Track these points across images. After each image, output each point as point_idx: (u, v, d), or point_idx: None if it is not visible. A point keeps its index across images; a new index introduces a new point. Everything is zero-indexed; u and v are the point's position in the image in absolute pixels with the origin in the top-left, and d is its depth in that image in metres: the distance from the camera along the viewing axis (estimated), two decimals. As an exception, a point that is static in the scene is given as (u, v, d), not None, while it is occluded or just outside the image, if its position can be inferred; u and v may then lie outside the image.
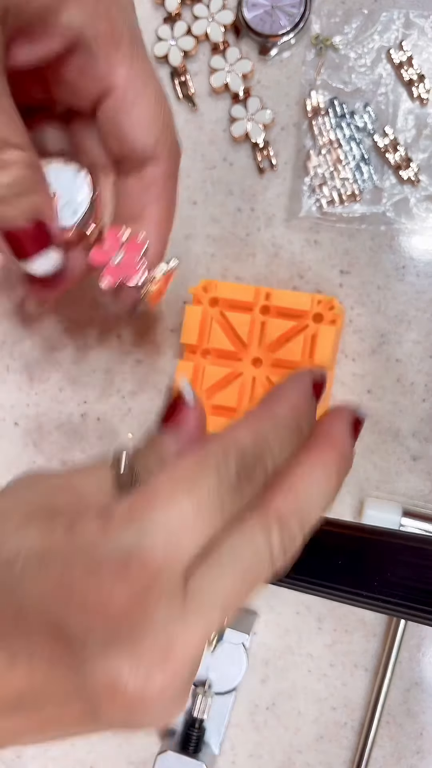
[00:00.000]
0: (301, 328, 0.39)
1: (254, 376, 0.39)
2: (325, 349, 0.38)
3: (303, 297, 0.39)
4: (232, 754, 0.44)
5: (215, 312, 0.39)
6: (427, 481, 0.41)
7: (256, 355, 0.39)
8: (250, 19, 0.42)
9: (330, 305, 0.39)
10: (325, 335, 0.38)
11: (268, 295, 0.39)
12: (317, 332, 0.39)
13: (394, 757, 0.42)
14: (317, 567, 0.31)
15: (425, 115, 0.41)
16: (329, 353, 0.39)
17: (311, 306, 0.39)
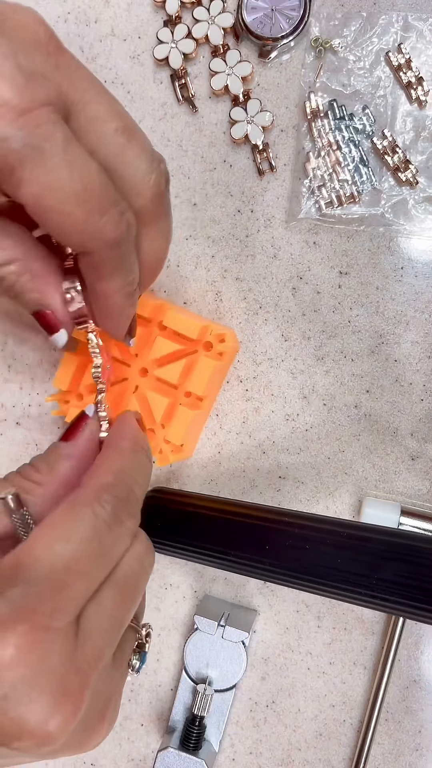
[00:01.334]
0: (188, 352, 0.39)
1: (138, 385, 0.39)
2: (200, 379, 0.38)
3: (194, 324, 0.38)
4: (232, 751, 0.44)
5: None
6: (426, 480, 0.42)
7: (144, 366, 0.39)
8: (249, 22, 0.42)
9: (221, 338, 0.39)
10: (202, 367, 0.38)
11: (166, 312, 0.39)
12: (197, 361, 0.39)
13: (392, 754, 0.42)
14: (316, 565, 0.31)
15: (424, 117, 0.41)
16: (203, 385, 0.38)
17: (199, 335, 0.38)
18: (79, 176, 0.26)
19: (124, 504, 0.26)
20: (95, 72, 0.44)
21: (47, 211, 0.26)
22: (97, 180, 0.27)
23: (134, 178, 0.28)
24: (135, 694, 0.45)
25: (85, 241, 0.28)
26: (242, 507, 0.35)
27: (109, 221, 0.27)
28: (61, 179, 0.26)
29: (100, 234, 0.28)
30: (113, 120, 0.27)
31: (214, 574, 0.44)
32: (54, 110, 0.25)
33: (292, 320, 0.43)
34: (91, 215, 0.27)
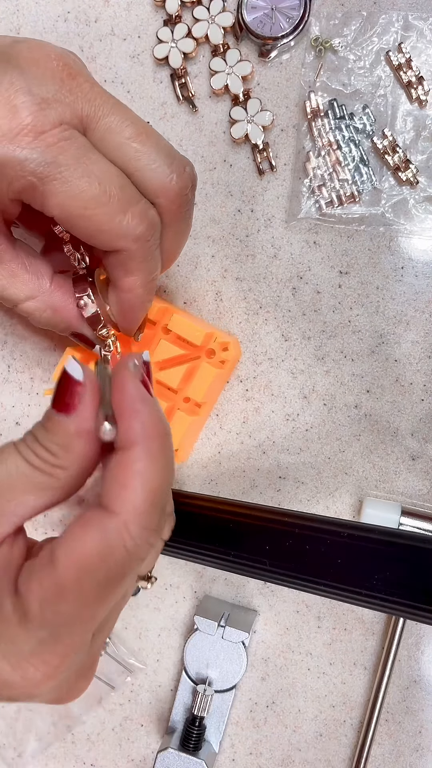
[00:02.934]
0: (190, 357, 0.39)
1: None
2: (200, 387, 0.38)
3: (198, 330, 0.38)
4: (232, 751, 0.44)
5: None
6: (426, 480, 0.41)
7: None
8: (249, 21, 0.42)
9: (224, 347, 0.39)
10: (203, 374, 0.38)
11: (171, 316, 0.39)
12: (198, 368, 0.39)
13: (393, 754, 0.42)
14: (316, 565, 0.31)
15: (424, 116, 0.41)
16: (202, 392, 0.38)
17: (203, 341, 0.38)
18: (96, 181, 0.29)
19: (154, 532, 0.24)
20: (95, 72, 0.44)
21: (73, 218, 0.29)
22: (115, 182, 0.29)
23: (154, 181, 0.31)
24: (135, 694, 0.45)
25: (112, 239, 0.30)
26: (242, 507, 0.35)
27: (132, 218, 0.30)
28: (79, 186, 0.29)
29: (125, 231, 0.30)
30: (126, 128, 0.30)
31: (214, 574, 0.44)
32: (68, 128, 0.29)
33: (292, 320, 0.42)
34: (114, 215, 0.29)
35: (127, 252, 0.31)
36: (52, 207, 0.29)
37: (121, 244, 0.31)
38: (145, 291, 0.34)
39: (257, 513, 0.34)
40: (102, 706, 0.45)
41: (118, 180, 0.30)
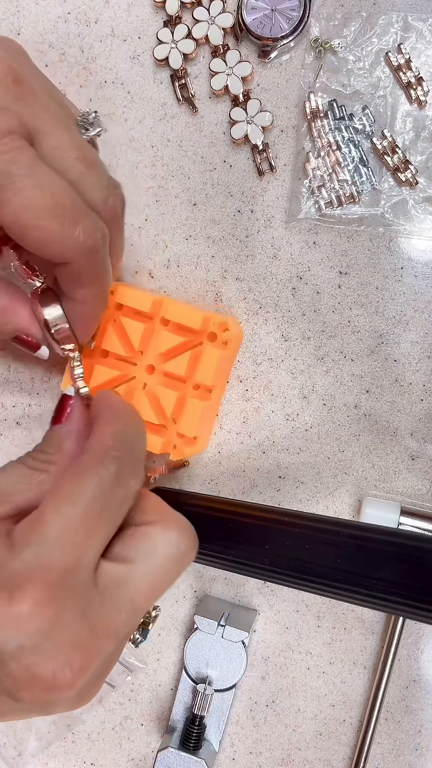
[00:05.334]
0: (192, 344, 0.39)
1: (146, 382, 0.39)
2: (207, 369, 0.38)
3: (195, 315, 0.38)
4: (232, 750, 0.44)
5: (117, 314, 0.39)
6: (425, 480, 0.42)
7: (150, 362, 0.40)
8: (249, 22, 0.42)
9: (224, 327, 0.39)
10: (208, 356, 0.38)
11: (166, 307, 0.39)
12: (202, 352, 0.39)
13: (392, 753, 0.42)
14: (316, 565, 0.31)
15: (423, 117, 0.41)
16: (211, 374, 0.38)
17: (202, 325, 0.39)
18: (49, 192, 0.29)
19: (126, 464, 0.27)
20: (95, 72, 0.44)
21: (25, 229, 0.29)
22: (67, 194, 0.30)
23: (95, 200, 0.32)
24: (135, 693, 0.45)
25: (63, 251, 0.31)
26: (242, 507, 0.35)
27: (83, 230, 0.30)
28: (32, 197, 0.28)
29: (76, 243, 0.30)
30: (74, 150, 0.31)
31: (214, 574, 0.44)
32: (18, 137, 0.28)
33: (292, 320, 0.43)
34: (65, 226, 0.30)
35: (77, 264, 0.31)
36: (4, 217, 0.29)
37: (72, 256, 0.31)
38: (99, 302, 0.34)
39: (257, 513, 0.34)
40: (102, 705, 0.45)
41: (69, 193, 0.30)
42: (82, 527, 0.25)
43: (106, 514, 0.26)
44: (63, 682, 0.24)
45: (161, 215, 0.44)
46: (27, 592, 0.23)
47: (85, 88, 0.44)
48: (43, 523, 0.24)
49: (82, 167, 0.31)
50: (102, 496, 0.25)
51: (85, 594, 0.24)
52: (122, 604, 0.25)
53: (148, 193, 0.44)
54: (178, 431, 0.39)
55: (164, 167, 0.44)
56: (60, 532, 0.24)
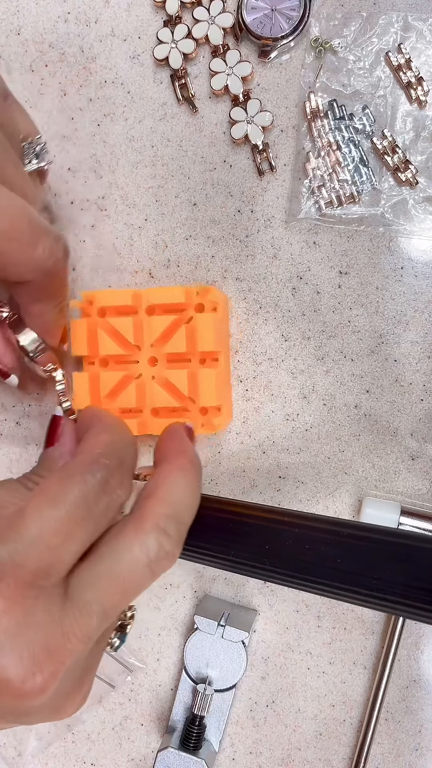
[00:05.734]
0: (183, 320, 0.39)
1: (153, 375, 0.40)
2: (206, 336, 0.38)
3: (176, 290, 0.39)
4: (232, 751, 0.44)
5: (102, 321, 0.40)
6: (426, 480, 0.42)
7: (151, 355, 0.40)
8: (249, 22, 0.42)
9: (206, 292, 0.39)
10: (203, 323, 0.39)
11: (147, 295, 0.39)
12: (195, 322, 0.39)
13: (392, 753, 0.42)
14: (316, 565, 0.31)
15: (423, 117, 0.41)
16: (211, 339, 0.39)
17: (186, 298, 0.39)
18: (6, 215, 0.28)
19: (113, 473, 0.26)
20: (95, 72, 0.44)
21: None
22: (24, 214, 0.29)
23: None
24: (135, 694, 0.45)
25: (23, 272, 0.30)
26: (242, 507, 0.35)
27: (44, 250, 0.30)
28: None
29: (36, 264, 0.30)
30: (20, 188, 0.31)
31: (214, 574, 0.44)
32: None
33: (292, 320, 0.43)
34: (25, 248, 0.29)
35: (37, 282, 0.31)
36: None
37: (31, 276, 0.31)
38: (56, 312, 0.34)
39: (257, 513, 0.34)
40: (102, 705, 0.45)
41: (27, 213, 0.30)
42: (62, 530, 0.24)
43: (88, 521, 0.25)
44: (33, 687, 0.23)
45: (161, 215, 0.44)
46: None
47: (85, 88, 0.44)
48: (22, 522, 0.24)
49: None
50: (85, 502, 0.25)
51: (56, 596, 0.24)
52: (92, 609, 0.25)
53: (148, 193, 0.44)
54: (200, 407, 0.39)
55: (164, 167, 0.44)
56: (38, 533, 0.24)
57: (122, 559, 0.26)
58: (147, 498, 0.27)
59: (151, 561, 0.26)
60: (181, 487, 0.27)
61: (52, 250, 0.30)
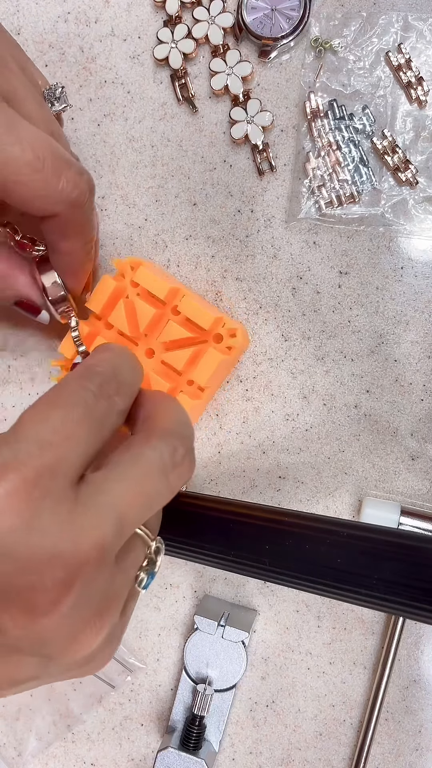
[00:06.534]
0: (197, 341, 0.39)
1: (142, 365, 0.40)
2: (206, 370, 0.38)
3: (208, 315, 0.38)
4: (232, 751, 0.44)
5: (131, 291, 0.39)
6: (426, 480, 0.42)
7: (151, 347, 0.40)
8: (249, 22, 0.42)
9: (232, 333, 0.39)
10: (210, 358, 0.38)
11: (183, 297, 0.39)
12: (204, 352, 0.39)
13: (392, 754, 0.42)
14: (316, 565, 0.31)
15: (423, 117, 0.41)
16: (207, 375, 0.38)
17: (211, 326, 0.39)
18: (29, 147, 0.29)
19: (109, 380, 0.26)
20: (95, 72, 0.44)
21: (8, 185, 0.29)
22: (48, 147, 0.30)
23: None
24: (135, 694, 0.45)
25: (48, 205, 0.31)
26: (242, 507, 0.35)
27: (67, 183, 0.30)
28: (12, 153, 0.29)
29: (61, 196, 0.30)
30: (42, 124, 0.31)
31: (214, 574, 0.44)
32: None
33: (292, 320, 0.43)
34: (49, 180, 0.30)
35: (63, 216, 0.31)
36: None
37: (57, 209, 0.31)
38: (84, 252, 0.35)
39: (257, 513, 0.34)
40: (102, 705, 0.45)
41: (50, 146, 0.30)
42: (61, 428, 0.23)
43: (88, 421, 0.24)
44: (45, 599, 0.21)
45: (161, 215, 0.44)
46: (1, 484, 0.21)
47: (85, 88, 0.44)
48: (21, 424, 0.23)
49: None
50: (83, 402, 0.24)
51: (65, 499, 0.22)
52: (105, 513, 0.23)
53: (148, 193, 0.44)
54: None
55: (164, 167, 0.44)
56: (38, 432, 0.22)
57: (136, 462, 0.24)
58: (147, 418, 0.26)
59: (166, 465, 0.25)
60: (178, 407, 0.27)
61: (76, 182, 0.31)
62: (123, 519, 0.23)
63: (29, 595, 0.21)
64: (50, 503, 0.22)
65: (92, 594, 0.23)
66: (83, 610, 0.22)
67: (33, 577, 0.21)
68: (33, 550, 0.21)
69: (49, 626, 0.21)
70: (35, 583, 0.21)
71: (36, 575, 0.21)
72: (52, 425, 0.23)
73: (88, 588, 0.22)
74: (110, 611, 0.24)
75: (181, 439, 0.26)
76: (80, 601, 0.22)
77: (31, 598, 0.21)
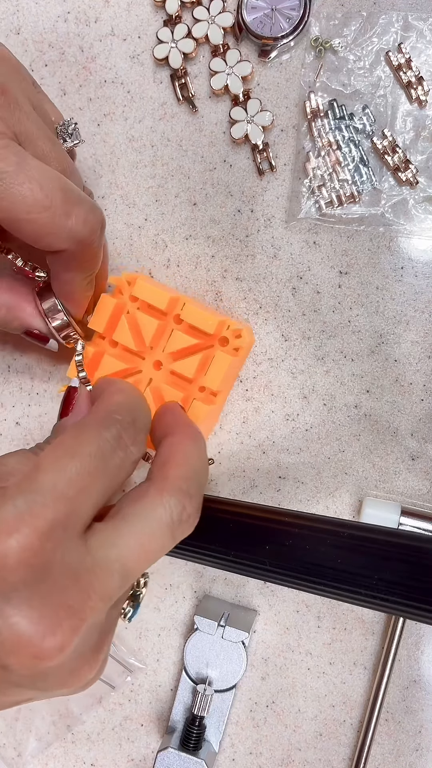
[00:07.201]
0: (204, 346, 0.39)
1: (152, 378, 0.39)
2: (217, 374, 0.38)
3: (211, 319, 0.38)
4: (232, 751, 0.44)
5: (131, 306, 0.39)
6: (426, 480, 0.42)
7: (158, 358, 0.40)
8: (249, 21, 0.42)
9: (238, 334, 0.39)
10: (219, 361, 0.38)
11: (183, 305, 0.39)
12: (213, 356, 0.39)
13: (392, 754, 0.42)
14: (316, 565, 0.31)
15: (424, 116, 0.41)
16: (218, 379, 0.38)
17: (216, 330, 0.39)
18: (38, 186, 0.29)
19: (127, 429, 0.26)
20: (95, 72, 0.44)
21: (18, 222, 0.30)
22: (57, 185, 0.30)
23: None
24: (135, 694, 0.45)
25: (56, 242, 0.31)
26: (242, 507, 0.35)
27: (76, 221, 0.31)
28: (21, 192, 0.29)
29: (70, 234, 0.31)
30: (55, 162, 0.32)
31: (214, 574, 0.44)
32: (4, 136, 0.29)
33: (292, 320, 0.43)
34: (57, 217, 0.30)
35: (70, 252, 0.32)
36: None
37: (64, 246, 0.31)
38: (84, 284, 0.35)
39: (257, 513, 0.34)
40: (102, 705, 0.45)
41: (60, 184, 0.30)
42: (77, 480, 0.24)
43: (104, 473, 0.25)
44: (52, 645, 0.22)
45: (161, 215, 0.44)
46: (14, 537, 0.22)
47: (84, 87, 0.44)
48: (38, 473, 0.24)
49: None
50: (101, 454, 0.25)
51: (75, 551, 0.23)
52: (113, 566, 0.24)
53: (148, 193, 0.44)
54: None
55: (164, 167, 0.44)
56: (54, 484, 0.23)
57: (146, 519, 0.25)
58: (164, 464, 0.27)
59: (174, 523, 0.26)
60: (195, 453, 0.28)
61: (86, 219, 0.31)
62: (128, 573, 0.25)
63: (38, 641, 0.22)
64: (61, 555, 0.23)
65: (92, 635, 0.24)
66: (84, 650, 0.24)
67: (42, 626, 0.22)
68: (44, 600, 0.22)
69: (51, 667, 0.23)
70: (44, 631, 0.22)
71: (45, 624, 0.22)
72: (68, 476, 0.24)
73: (90, 631, 0.24)
74: (105, 646, 0.26)
75: (191, 498, 0.27)
76: (81, 644, 0.24)
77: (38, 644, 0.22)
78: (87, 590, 0.23)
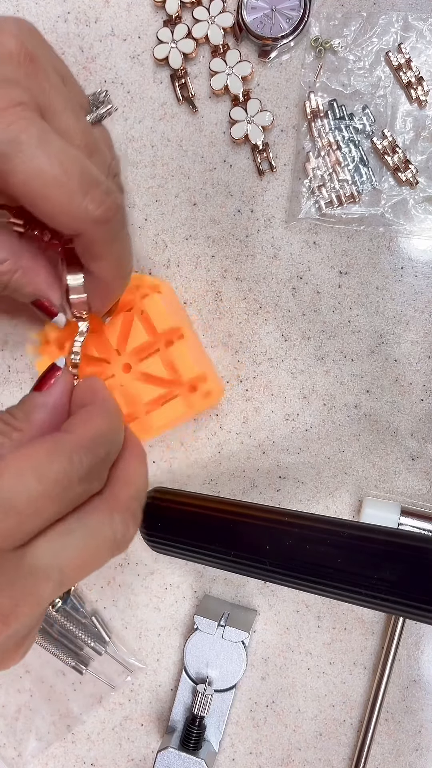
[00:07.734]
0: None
1: (122, 383, 0.39)
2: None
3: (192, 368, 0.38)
4: (232, 751, 0.44)
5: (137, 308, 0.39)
6: (426, 480, 0.42)
7: (126, 361, 0.39)
8: (249, 22, 0.42)
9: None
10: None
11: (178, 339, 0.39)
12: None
13: (392, 754, 0.42)
14: (316, 565, 0.31)
15: (424, 117, 0.41)
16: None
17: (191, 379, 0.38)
18: (57, 161, 0.29)
19: (98, 465, 0.27)
20: (95, 72, 0.44)
21: (34, 197, 0.29)
22: (76, 163, 0.29)
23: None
24: (135, 694, 0.45)
25: (71, 221, 0.30)
26: (242, 507, 0.35)
27: (92, 201, 0.30)
28: (40, 166, 0.28)
29: (85, 213, 0.30)
30: (79, 135, 0.31)
31: (214, 574, 0.44)
32: (27, 108, 0.28)
33: (292, 320, 0.43)
34: (73, 196, 0.29)
35: (88, 235, 0.31)
36: (14, 185, 0.29)
37: (80, 227, 0.30)
38: (116, 277, 0.34)
39: (257, 513, 0.34)
40: (102, 705, 0.45)
41: (79, 162, 0.30)
42: (35, 503, 0.24)
43: (61, 501, 0.25)
44: None
45: (161, 215, 0.44)
46: None
47: (84, 87, 0.44)
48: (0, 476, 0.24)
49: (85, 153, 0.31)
50: (66, 483, 0.25)
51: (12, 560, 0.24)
52: (52, 575, 0.25)
53: (148, 193, 0.44)
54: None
55: (164, 167, 0.44)
56: (10, 497, 0.24)
57: (92, 536, 0.26)
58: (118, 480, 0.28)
59: (117, 541, 0.27)
60: (143, 473, 0.29)
61: (101, 200, 0.30)
62: (65, 582, 0.26)
63: None
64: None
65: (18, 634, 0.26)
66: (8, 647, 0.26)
67: None
68: None
69: None
70: None
71: None
72: (27, 496, 0.24)
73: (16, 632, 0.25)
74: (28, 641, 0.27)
75: (135, 519, 0.28)
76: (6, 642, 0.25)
77: None
78: (18, 599, 0.24)
